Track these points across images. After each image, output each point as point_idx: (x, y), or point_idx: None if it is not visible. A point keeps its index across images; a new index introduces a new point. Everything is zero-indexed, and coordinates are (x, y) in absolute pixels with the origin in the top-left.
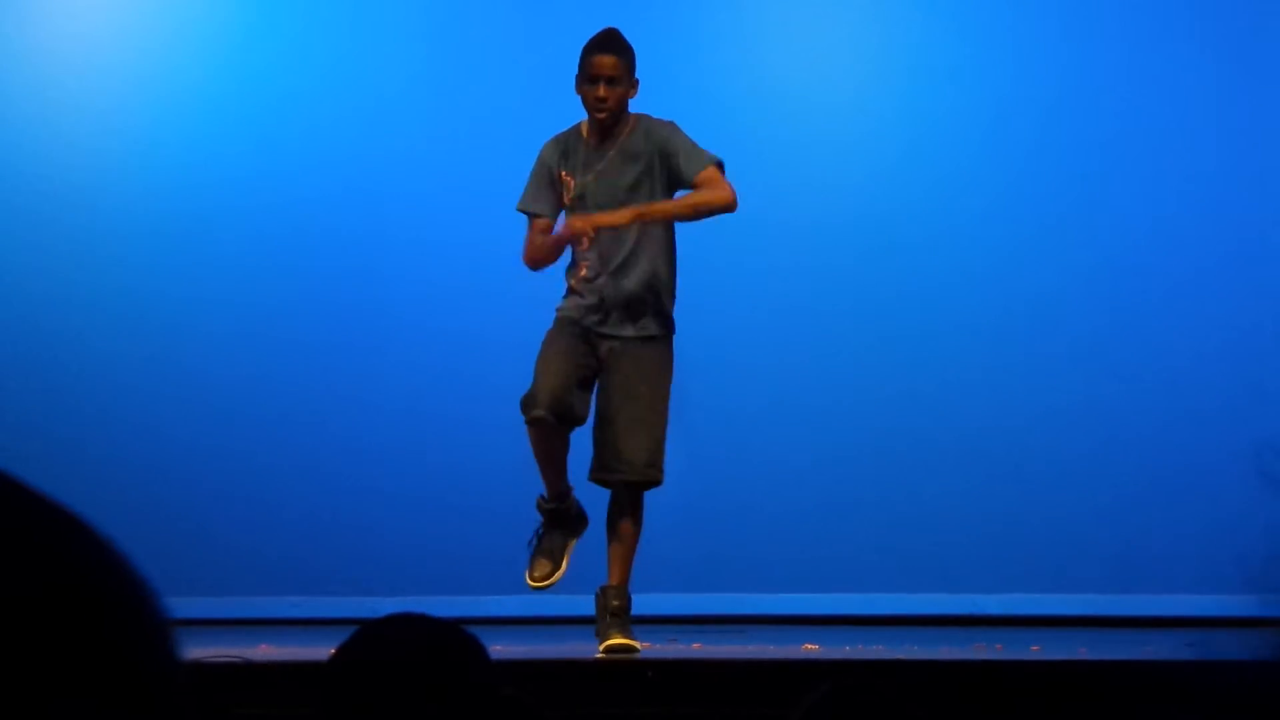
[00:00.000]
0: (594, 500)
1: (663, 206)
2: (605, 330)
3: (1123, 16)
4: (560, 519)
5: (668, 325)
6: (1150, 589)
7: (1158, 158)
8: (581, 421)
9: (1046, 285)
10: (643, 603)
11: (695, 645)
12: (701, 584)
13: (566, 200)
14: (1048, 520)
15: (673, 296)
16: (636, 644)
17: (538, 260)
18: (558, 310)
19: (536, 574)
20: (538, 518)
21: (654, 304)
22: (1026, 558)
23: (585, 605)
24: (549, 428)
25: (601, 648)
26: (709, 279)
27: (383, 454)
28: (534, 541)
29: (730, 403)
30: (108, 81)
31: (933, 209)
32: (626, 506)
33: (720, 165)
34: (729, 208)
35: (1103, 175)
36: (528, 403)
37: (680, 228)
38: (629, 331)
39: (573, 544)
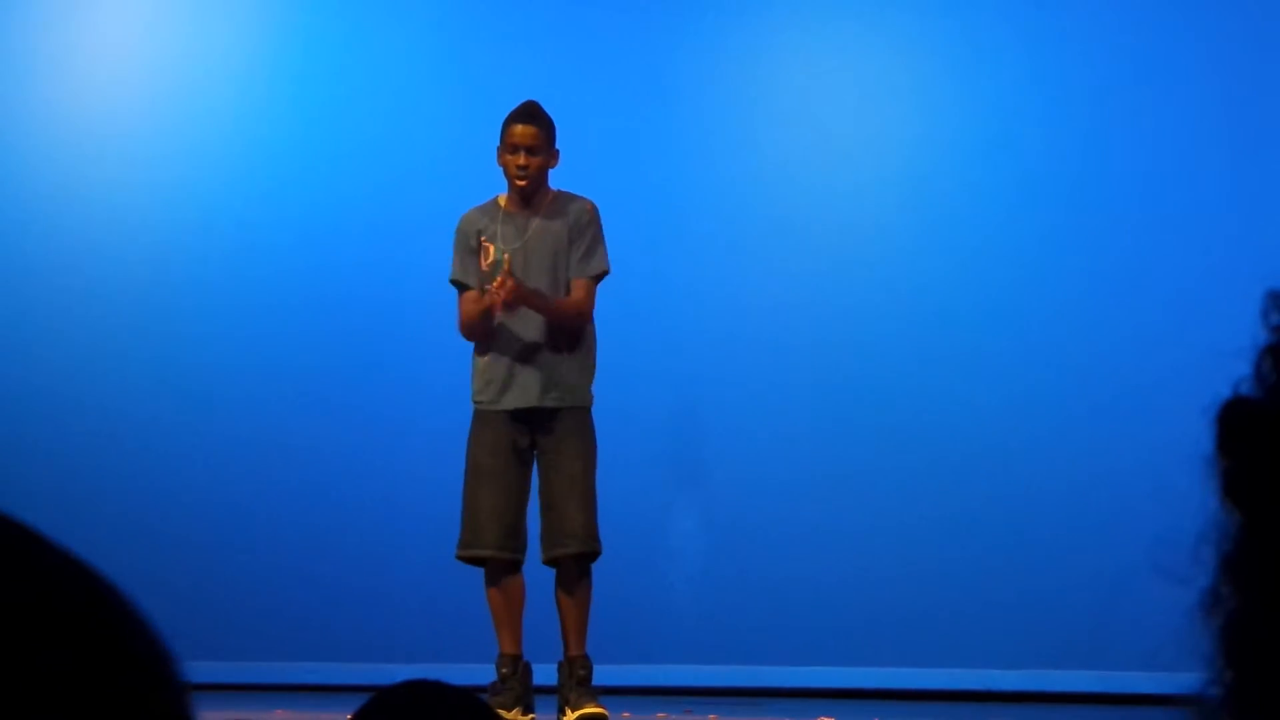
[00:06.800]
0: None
1: (543, 303)
2: (528, 404)
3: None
4: (511, 689)
5: (587, 396)
6: (1173, 666)
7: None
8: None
9: (1079, 359)
10: (659, 674)
11: (711, 717)
12: (718, 656)
13: (485, 265)
14: (1065, 595)
15: (589, 370)
16: (605, 711)
17: (474, 329)
18: (475, 403)
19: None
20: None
21: (567, 371)
22: (1043, 633)
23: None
24: (504, 565)
25: (574, 716)
26: (729, 350)
27: (400, 520)
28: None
29: (748, 475)
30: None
31: (969, 289)
32: (576, 578)
33: (599, 277)
34: (580, 322)
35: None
36: (469, 541)
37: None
38: (549, 402)
39: (520, 715)
